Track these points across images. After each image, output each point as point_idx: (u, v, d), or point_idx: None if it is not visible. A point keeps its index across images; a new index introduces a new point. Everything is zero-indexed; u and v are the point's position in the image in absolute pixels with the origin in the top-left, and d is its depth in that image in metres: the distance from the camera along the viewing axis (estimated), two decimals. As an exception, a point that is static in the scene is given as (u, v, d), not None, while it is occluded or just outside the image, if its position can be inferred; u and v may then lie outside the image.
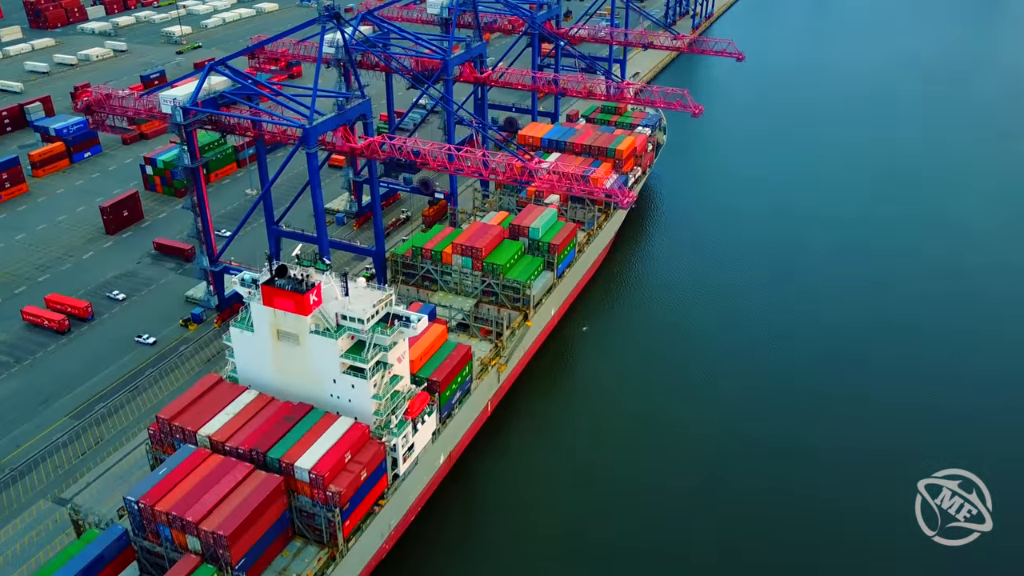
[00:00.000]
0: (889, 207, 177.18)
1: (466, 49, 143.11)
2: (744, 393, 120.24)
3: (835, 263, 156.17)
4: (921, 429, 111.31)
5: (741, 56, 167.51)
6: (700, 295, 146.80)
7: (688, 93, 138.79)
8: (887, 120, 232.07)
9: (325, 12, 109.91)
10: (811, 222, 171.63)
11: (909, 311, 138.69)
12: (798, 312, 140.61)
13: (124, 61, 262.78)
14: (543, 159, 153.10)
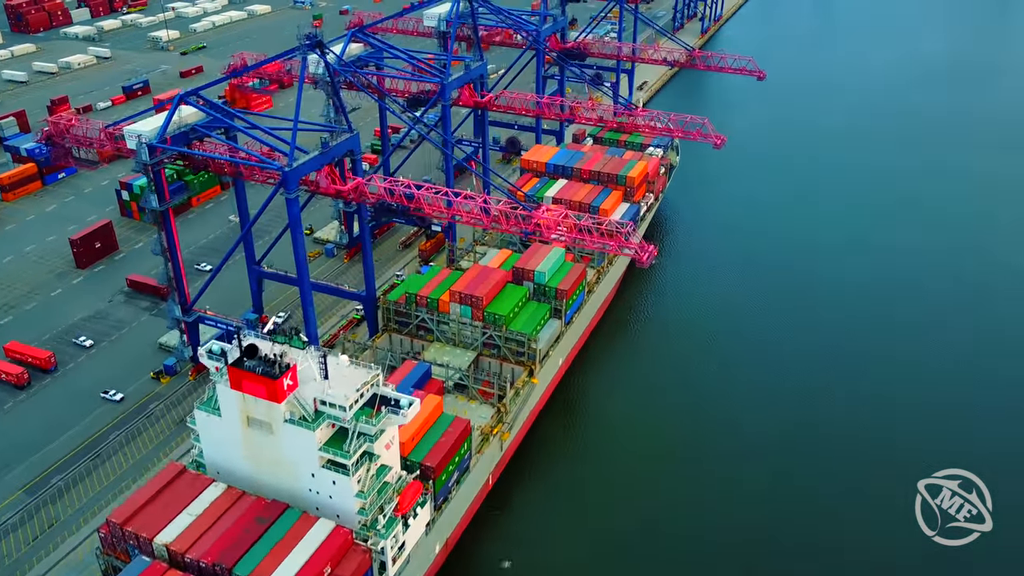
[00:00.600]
0: (902, 228, 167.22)
1: (465, 70, 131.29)
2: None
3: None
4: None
5: (762, 75, 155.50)
6: (715, 329, 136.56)
7: (708, 122, 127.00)
8: (910, 134, 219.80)
9: (306, 40, 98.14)
10: (825, 243, 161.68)
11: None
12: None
13: (107, 69, 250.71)
14: (542, 200, 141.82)
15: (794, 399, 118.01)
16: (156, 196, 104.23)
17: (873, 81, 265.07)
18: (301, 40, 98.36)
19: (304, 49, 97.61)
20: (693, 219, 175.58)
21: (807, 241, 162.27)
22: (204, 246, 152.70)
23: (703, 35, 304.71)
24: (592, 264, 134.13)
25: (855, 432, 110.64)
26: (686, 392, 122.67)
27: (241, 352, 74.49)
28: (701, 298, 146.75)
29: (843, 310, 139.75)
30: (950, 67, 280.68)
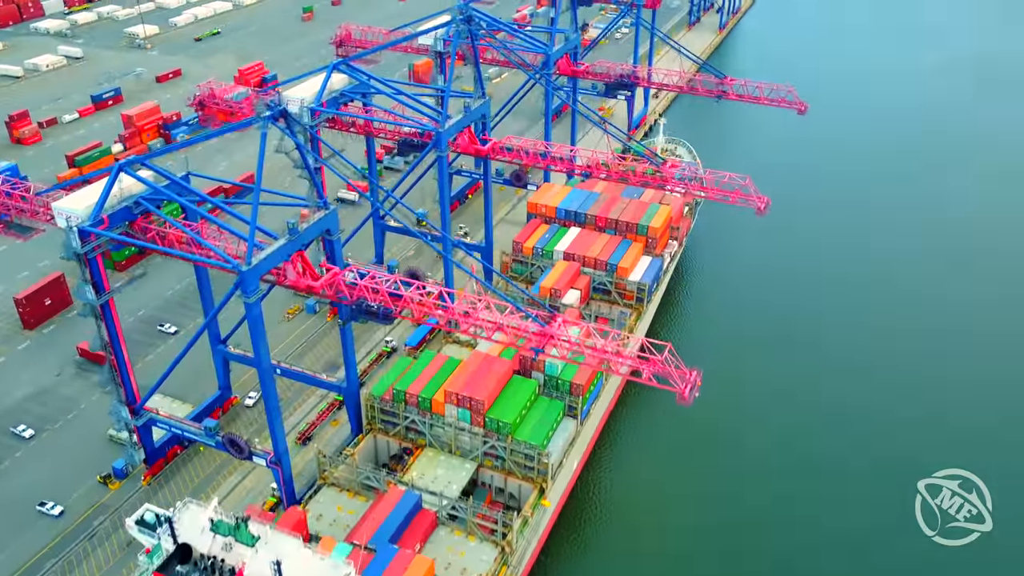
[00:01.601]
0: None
1: (464, 112, 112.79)
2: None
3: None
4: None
5: (803, 108, 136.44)
6: (745, 399, 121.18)
7: (751, 181, 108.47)
8: (959, 156, 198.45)
9: (267, 112, 79.78)
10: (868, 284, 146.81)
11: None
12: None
13: (78, 71, 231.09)
14: (552, 255, 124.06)
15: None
16: (92, 287, 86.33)
17: (919, 89, 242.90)
18: (261, 111, 80.00)
19: (267, 119, 79.19)
20: (719, 263, 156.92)
21: (854, 285, 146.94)
22: (169, 300, 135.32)
23: (721, 31, 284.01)
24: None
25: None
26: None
27: (171, 554, 57.56)
28: (728, 360, 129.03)
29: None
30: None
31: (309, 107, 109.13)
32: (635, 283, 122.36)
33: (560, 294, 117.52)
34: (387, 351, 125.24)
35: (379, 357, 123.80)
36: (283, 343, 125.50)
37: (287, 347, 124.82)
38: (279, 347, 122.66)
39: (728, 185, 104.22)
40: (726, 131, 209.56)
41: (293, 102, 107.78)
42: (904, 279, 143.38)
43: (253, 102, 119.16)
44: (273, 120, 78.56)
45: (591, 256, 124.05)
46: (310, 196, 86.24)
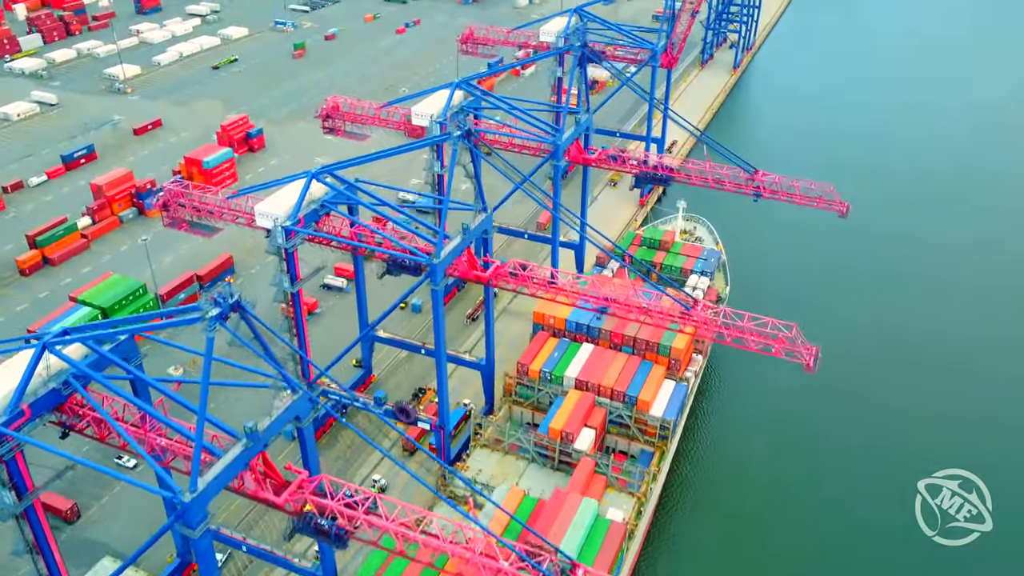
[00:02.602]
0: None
1: (463, 233, 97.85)
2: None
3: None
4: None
5: (844, 209, 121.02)
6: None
7: (798, 330, 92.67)
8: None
9: (214, 311, 64.84)
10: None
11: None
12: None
13: (52, 121, 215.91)
14: (562, 381, 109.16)
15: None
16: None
17: (941, 134, 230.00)
18: (207, 308, 64.73)
19: (211, 324, 64.58)
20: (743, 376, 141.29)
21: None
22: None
23: (735, 70, 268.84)
24: (631, 489, 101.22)
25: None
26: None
27: None
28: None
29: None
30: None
31: (283, 226, 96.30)
32: (658, 419, 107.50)
33: (572, 438, 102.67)
34: (376, 491, 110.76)
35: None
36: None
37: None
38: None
39: (771, 333, 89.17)
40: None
41: (265, 217, 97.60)
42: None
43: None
44: (221, 321, 65.41)
45: (607, 385, 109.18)
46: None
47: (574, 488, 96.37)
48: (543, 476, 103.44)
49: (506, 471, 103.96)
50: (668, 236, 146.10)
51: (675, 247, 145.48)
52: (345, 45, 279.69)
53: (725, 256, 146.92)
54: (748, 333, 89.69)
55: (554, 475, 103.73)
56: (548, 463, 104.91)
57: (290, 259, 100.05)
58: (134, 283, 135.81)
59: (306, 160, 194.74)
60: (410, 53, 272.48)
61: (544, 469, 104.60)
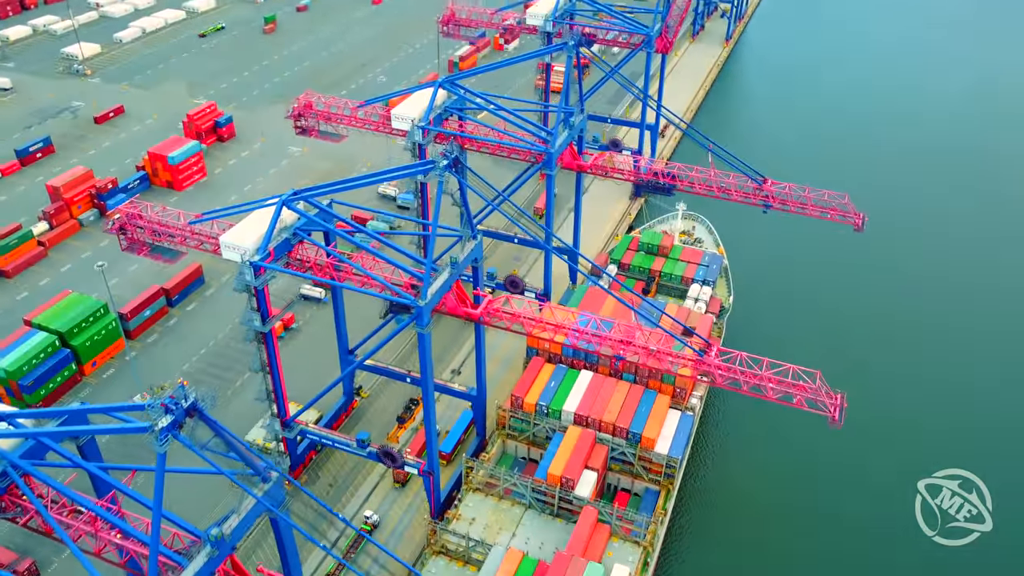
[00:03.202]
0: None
1: (450, 268, 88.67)
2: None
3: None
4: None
5: (859, 221, 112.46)
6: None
7: (817, 381, 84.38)
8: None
9: (164, 421, 55.09)
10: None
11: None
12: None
13: (6, 109, 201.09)
14: (560, 416, 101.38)
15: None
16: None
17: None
18: (156, 416, 54.92)
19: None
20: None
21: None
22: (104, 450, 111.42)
23: (728, 42, 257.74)
24: (635, 537, 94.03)
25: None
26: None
27: None
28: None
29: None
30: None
31: (252, 262, 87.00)
32: (664, 456, 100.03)
33: (572, 484, 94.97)
34: (368, 528, 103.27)
35: (355, 542, 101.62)
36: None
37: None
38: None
39: (790, 387, 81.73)
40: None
41: (231, 250, 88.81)
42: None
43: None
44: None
45: (608, 421, 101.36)
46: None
47: (577, 542, 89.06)
48: (542, 525, 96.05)
49: (501, 520, 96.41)
50: (667, 241, 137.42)
51: (674, 252, 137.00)
52: (317, 16, 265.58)
53: (727, 260, 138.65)
54: (767, 381, 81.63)
55: (554, 523, 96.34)
56: (547, 508, 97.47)
57: (260, 297, 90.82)
58: (94, 303, 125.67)
59: (279, 150, 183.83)
60: (387, 25, 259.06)
61: (543, 516, 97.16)
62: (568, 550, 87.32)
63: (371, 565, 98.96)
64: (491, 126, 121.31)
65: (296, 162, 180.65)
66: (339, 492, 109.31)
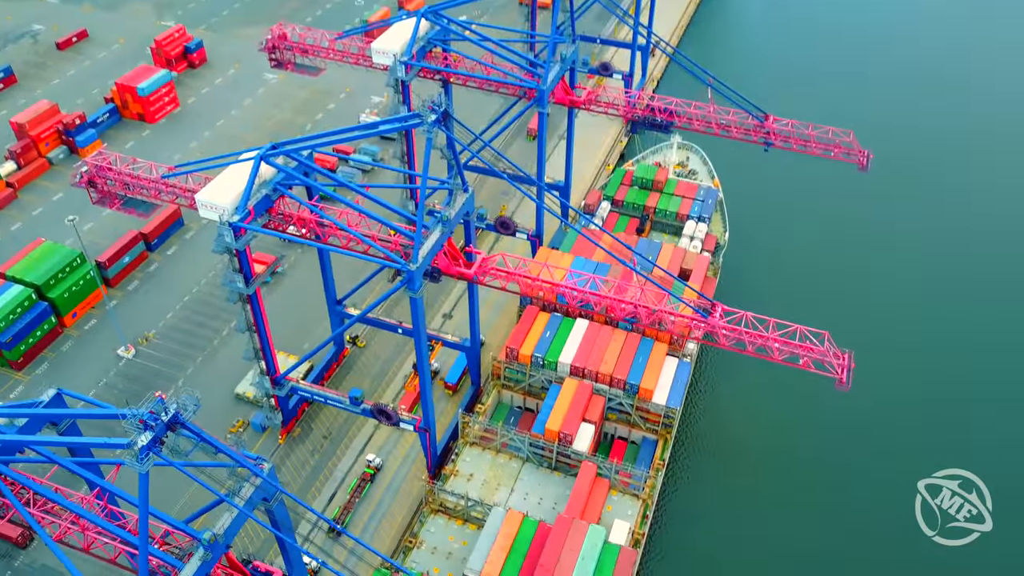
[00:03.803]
0: None
1: (441, 226, 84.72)
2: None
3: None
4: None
5: (864, 160, 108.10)
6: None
7: (830, 338, 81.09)
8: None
9: (144, 439, 51.38)
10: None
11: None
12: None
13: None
14: (555, 366, 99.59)
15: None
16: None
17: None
18: (136, 434, 51.16)
19: (143, 456, 51.57)
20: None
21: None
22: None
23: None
24: (633, 488, 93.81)
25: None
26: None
27: None
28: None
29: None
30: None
31: (231, 223, 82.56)
32: (662, 407, 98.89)
33: (570, 439, 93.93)
34: (371, 472, 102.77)
35: (359, 483, 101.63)
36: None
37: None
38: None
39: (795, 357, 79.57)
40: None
41: (208, 209, 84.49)
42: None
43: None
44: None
45: (605, 373, 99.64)
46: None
47: (577, 500, 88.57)
48: (541, 479, 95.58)
49: (499, 475, 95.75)
50: (661, 175, 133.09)
51: (669, 186, 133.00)
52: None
53: (722, 194, 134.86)
54: (773, 342, 79.44)
55: (552, 477, 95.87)
56: (545, 462, 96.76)
57: (243, 258, 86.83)
58: (69, 252, 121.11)
59: (254, 78, 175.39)
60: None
61: (541, 470, 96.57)
62: (568, 510, 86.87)
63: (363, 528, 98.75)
64: (476, 59, 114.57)
65: (272, 90, 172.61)
66: (334, 444, 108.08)
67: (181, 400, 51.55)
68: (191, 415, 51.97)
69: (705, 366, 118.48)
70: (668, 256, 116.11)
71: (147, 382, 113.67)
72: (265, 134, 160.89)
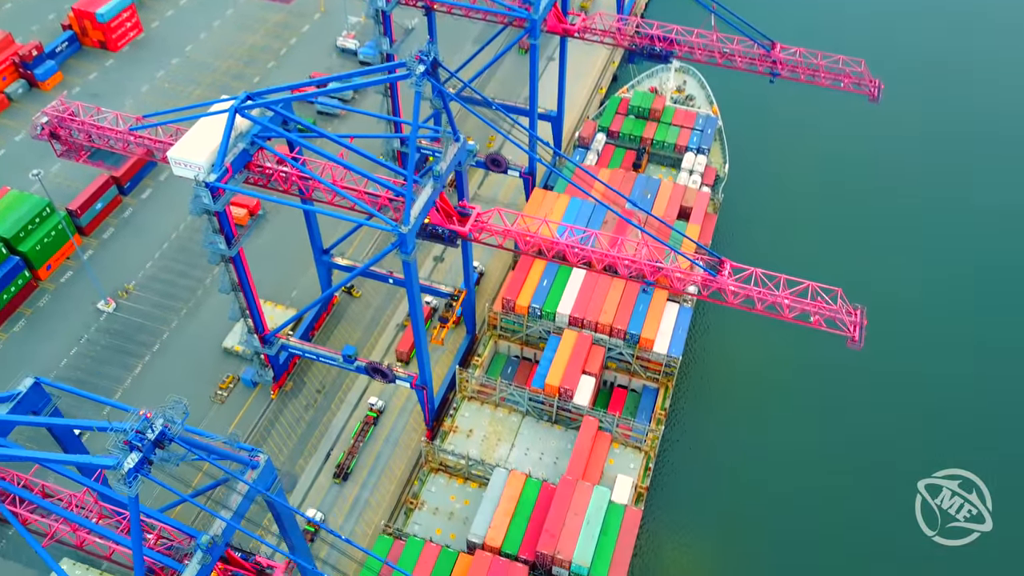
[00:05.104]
0: None
1: (432, 181, 79.69)
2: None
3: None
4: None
5: (875, 90, 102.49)
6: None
7: (843, 296, 77.31)
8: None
9: (132, 460, 46.97)
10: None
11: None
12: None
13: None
14: (554, 317, 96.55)
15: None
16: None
17: None
18: (123, 455, 47.06)
19: (131, 477, 47.47)
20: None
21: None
22: (76, 367, 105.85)
23: None
24: (634, 440, 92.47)
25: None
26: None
27: None
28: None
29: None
30: None
31: (208, 183, 77.34)
32: (663, 356, 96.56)
33: (570, 394, 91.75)
34: (373, 416, 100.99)
35: (363, 427, 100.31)
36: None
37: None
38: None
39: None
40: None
41: (182, 167, 77.92)
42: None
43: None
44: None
45: (604, 323, 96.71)
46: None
47: (579, 458, 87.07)
48: (542, 433, 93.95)
49: (499, 431, 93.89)
50: (658, 103, 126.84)
51: (666, 115, 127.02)
52: None
53: (721, 122, 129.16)
54: (783, 299, 76.28)
55: (553, 431, 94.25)
56: (545, 415, 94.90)
57: (223, 219, 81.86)
58: (38, 201, 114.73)
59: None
60: None
61: (541, 424, 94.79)
62: (571, 470, 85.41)
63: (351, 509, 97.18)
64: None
65: (242, 11, 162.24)
66: (329, 397, 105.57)
67: (167, 414, 47.92)
68: (179, 429, 48.36)
69: (706, 309, 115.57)
70: (668, 194, 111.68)
71: (130, 336, 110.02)
72: (237, 61, 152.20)
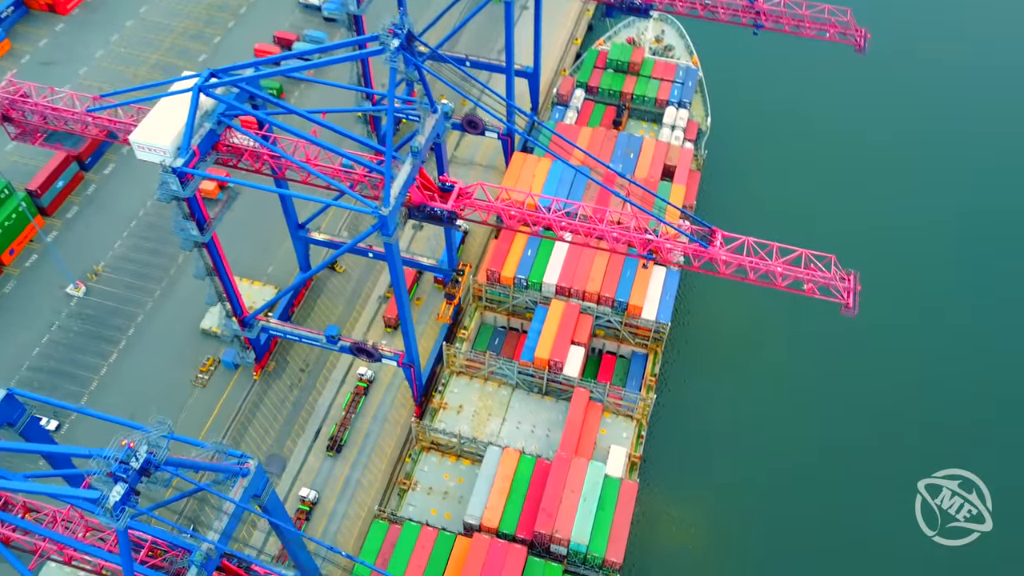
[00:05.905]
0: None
1: (411, 157, 76.38)
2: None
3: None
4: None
5: (861, 41, 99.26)
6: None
7: (837, 263, 75.35)
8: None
9: (117, 493, 44.62)
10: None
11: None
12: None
13: None
14: (540, 287, 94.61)
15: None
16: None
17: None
18: (107, 488, 44.54)
19: (118, 511, 44.89)
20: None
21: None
22: (49, 355, 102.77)
23: None
24: (626, 411, 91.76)
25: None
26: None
27: None
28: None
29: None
30: None
31: (175, 168, 74.00)
32: (652, 322, 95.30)
33: (560, 366, 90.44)
34: (364, 386, 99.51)
35: (354, 398, 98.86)
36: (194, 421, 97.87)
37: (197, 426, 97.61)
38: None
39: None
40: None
41: (146, 151, 75.80)
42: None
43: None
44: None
45: (592, 292, 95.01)
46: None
47: (572, 431, 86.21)
48: (533, 406, 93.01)
49: (490, 405, 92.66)
50: (636, 56, 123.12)
51: (646, 67, 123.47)
52: None
53: (702, 73, 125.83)
54: (777, 268, 74.77)
55: (543, 402, 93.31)
56: (535, 387, 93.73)
57: (193, 204, 78.32)
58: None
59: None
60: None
61: (531, 396, 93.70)
62: (564, 445, 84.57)
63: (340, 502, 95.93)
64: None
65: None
66: (313, 376, 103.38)
67: (152, 439, 45.54)
68: (165, 453, 46.05)
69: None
70: (651, 152, 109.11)
71: (103, 321, 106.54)
72: (195, 20, 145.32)
